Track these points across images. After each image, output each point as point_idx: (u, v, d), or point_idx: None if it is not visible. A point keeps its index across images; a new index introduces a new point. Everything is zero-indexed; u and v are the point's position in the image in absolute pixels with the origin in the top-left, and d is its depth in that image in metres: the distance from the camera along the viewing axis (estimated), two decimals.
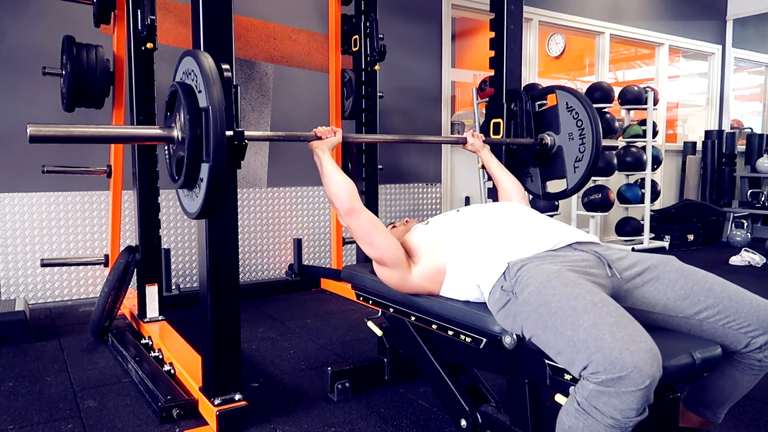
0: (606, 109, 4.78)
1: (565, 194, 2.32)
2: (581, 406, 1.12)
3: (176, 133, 1.46)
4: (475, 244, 1.51)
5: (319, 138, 1.78)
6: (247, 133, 1.58)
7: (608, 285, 1.35)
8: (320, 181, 1.74)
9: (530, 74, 5.20)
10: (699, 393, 1.45)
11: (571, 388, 1.20)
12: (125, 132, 1.62)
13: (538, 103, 2.45)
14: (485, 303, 1.45)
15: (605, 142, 2.26)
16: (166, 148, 1.57)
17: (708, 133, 6.32)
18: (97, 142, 1.80)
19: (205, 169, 1.37)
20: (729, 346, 1.32)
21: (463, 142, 2.20)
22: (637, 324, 1.15)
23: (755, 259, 4.67)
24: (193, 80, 1.42)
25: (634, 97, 5.09)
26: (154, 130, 1.52)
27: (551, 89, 2.32)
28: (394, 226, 1.89)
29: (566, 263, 1.34)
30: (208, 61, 1.39)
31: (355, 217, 1.58)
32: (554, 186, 2.41)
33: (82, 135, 1.39)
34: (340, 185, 1.62)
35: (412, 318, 1.68)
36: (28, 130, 1.27)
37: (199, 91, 1.38)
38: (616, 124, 4.86)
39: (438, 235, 1.59)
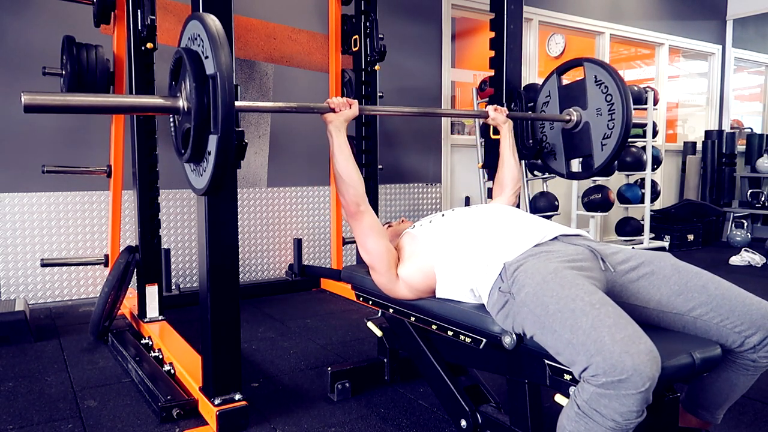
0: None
1: (591, 173, 2.21)
2: (582, 409, 1.12)
3: (182, 103, 1.37)
4: (464, 249, 1.51)
5: (333, 110, 1.64)
6: (255, 103, 1.55)
7: (602, 279, 1.35)
8: (321, 181, 1.73)
9: (530, 74, 5.20)
10: (696, 395, 1.45)
11: (571, 391, 1.20)
12: (126, 102, 1.50)
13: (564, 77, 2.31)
14: (483, 304, 1.45)
15: (634, 117, 2.14)
16: (171, 119, 1.48)
17: (708, 133, 6.32)
18: (96, 112, 1.68)
19: (213, 142, 1.28)
20: (723, 344, 1.31)
21: (485, 116, 2.11)
22: (635, 325, 1.14)
23: (755, 259, 4.67)
24: (199, 46, 1.33)
25: (634, 97, 5.06)
26: (157, 100, 1.42)
27: (579, 61, 2.20)
28: (390, 225, 1.90)
29: (561, 260, 1.34)
30: (215, 23, 1.29)
31: (357, 220, 1.60)
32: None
33: (80, 104, 1.31)
34: (348, 181, 1.59)
35: (412, 318, 1.68)
36: (22, 99, 1.19)
37: (206, 57, 1.29)
38: None
39: (423, 241, 1.59)
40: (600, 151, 2.12)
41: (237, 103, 1.32)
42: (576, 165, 2.29)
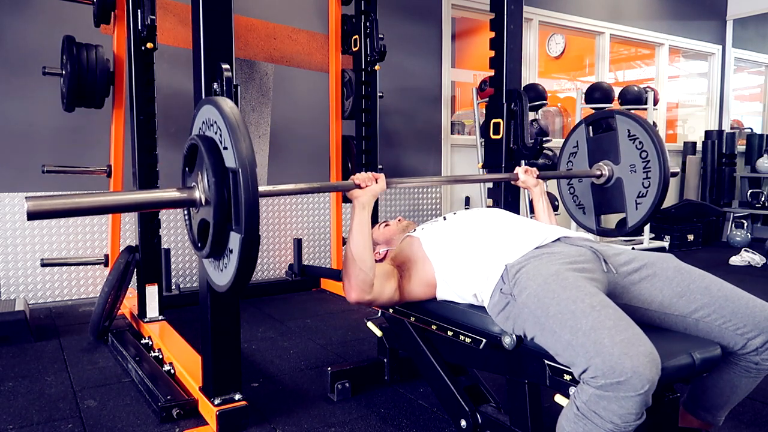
0: (606, 109, 4.77)
1: (624, 232, 2.08)
2: (581, 411, 1.12)
3: (198, 194, 1.26)
4: (466, 255, 1.51)
5: (359, 186, 1.54)
6: (278, 187, 1.42)
7: (604, 280, 1.35)
8: (320, 181, 1.70)
9: (530, 74, 5.20)
10: (698, 396, 1.45)
11: (571, 392, 1.20)
12: (139, 198, 1.32)
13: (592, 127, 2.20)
14: (483, 306, 1.45)
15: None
16: (185, 211, 1.37)
17: (708, 133, 6.32)
18: (107, 213, 1.45)
19: (235, 239, 1.17)
20: (726, 347, 1.31)
21: (515, 178, 1.97)
22: (636, 327, 1.14)
23: (755, 259, 4.67)
24: (215, 133, 1.23)
25: (634, 97, 5.09)
26: (172, 194, 1.27)
27: (611, 114, 2.08)
28: (387, 224, 1.90)
29: (563, 261, 1.34)
30: (233, 111, 1.19)
31: (361, 304, 1.53)
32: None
33: (90, 206, 1.19)
34: (360, 265, 1.47)
35: (412, 318, 1.68)
36: (25, 206, 1.08)
37: (225, 148, 1.19)
38: None
39: (427, 246, 1.58)
40: (634, 210, 2.01)
41: (260, 188, 1.19)
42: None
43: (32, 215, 1.09)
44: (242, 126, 1.16)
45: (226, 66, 1.69)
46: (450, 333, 1.54)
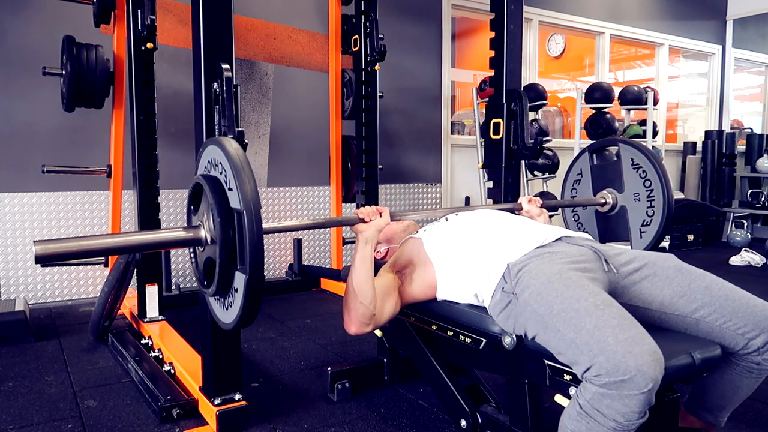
0: (606, 110, 4.78)
1: None
2: (584, 409, 1.11)
3: (204, 233, 1.29)
4: (467, 255, 1.51)
5: (362, 220, 1.56)
6: (283, 223, 1.45)
7: (605, 280, 1.35)
8: (321, 181, 1.70)
9: (530, 74, 5.20)
10: (699, 397, 1.45)
11: (573, 391, 1.20)
12: (146, 239, 1.35)
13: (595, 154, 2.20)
14: (483, 306, 1.45)
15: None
16: (190, 250, 1.40)
17: (708, 133, 6.32)
18: (114, 254, 1.48)
19: (240, 280, 1.20)
20: (727, 347, 1.31)
21: (519, 208, 1.95)
22: (639, 326, 1.14)
23: (755, 259, 4.67)
24: (220, 173, 1.25)
25: (634, 97, 5.09)
26: (178, 233, 1.30)
27: (614, 142, 2.09)
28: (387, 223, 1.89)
29: (565, 260, 1.34)
30: (237, 151, 1.21)
31: (354, 335, 1.52)
32: None
33: (97, 248, 1.21)
34: (361, 298, 1.46)
35: (412, 318, 1.68)
36: (34, 250, 1.10)
37: (230, 189, 1.21)
38: (616, 124, 4.86)
39: (429, 247, 1.58)
40: (639, 238, 2.01)
41: (264, 225, 1.22)
42: None
43: (40, 259, 1.11)
44: (247, 168, 1.19)
45: (226, 66, 1.69)
46: (450, 333, 1.54)
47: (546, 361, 1.30)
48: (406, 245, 1.67)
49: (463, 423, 1.60)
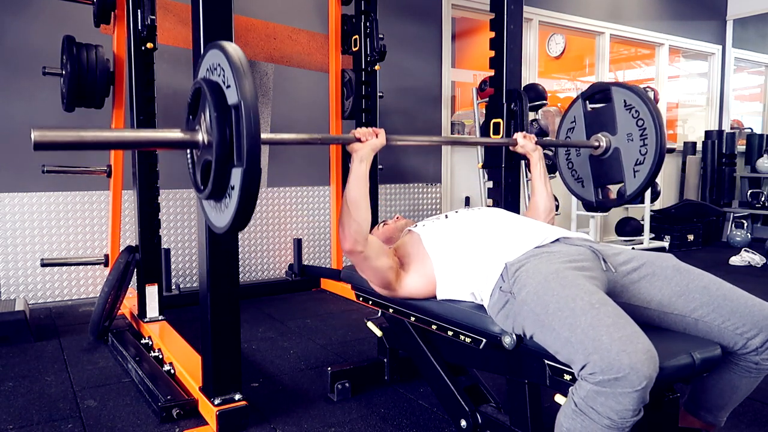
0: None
1: (623, 201, 2.10)
2: (578, 406, 1.12)
3: (201, 136, 1.28)
4: (465, 251, 1.51)
5: (359, 140, 1.58)
6: (280, 135, 1.46)
7: (603, 279, 1.35)
8: (321, 181, 1.70)
9: (530, 74, 5.20)
10: (699, 397, 1.45)
11: (569, 389, 1.20)
12: (143, 137, 1.38)
13: (590, 102, 2.23)
14: (483, 305, 1.45)
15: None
16: (188, 154, 1.40)
17: (708, 134, 6.32)
18: (111, 148, 1.48)
19: (237, 175, 1.19)
20: (725, 346, 1.31)
21: (513, 144, 2.00)
22: (634, 325, 1.15)
23: (755, 259, 4.67)
24: (219, 75, 1.25)
25: None
26: (175, 134, 1.31)
27: (607, 86, 2.13)
28: (385, 224, 1.90)
29: (563, 260, 1.34)
30: (237, 51, 1.21)
31: (354, 256, 1.54)
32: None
33: (94, 140, 1.22)
34: (354, 215, 1.49)
35: (412, 318, 1.68)
36: (32, 136, 1.11)
37: (227, 87, 1.21)
38: None
39: (426, 243, 1.58)
40: (632, 177, 2.03)
41: (262, 135, 1.23)
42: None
43: (38, 146, 1.12)
44: (245, 66, 1.18)
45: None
46: (450, 333, 1.54)
47: (546, 361, 1.30)
48: (406, 239, 1.67)
49: (463, 423, 1.60)
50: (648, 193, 5.08)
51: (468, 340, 1.47)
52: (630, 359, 1.06)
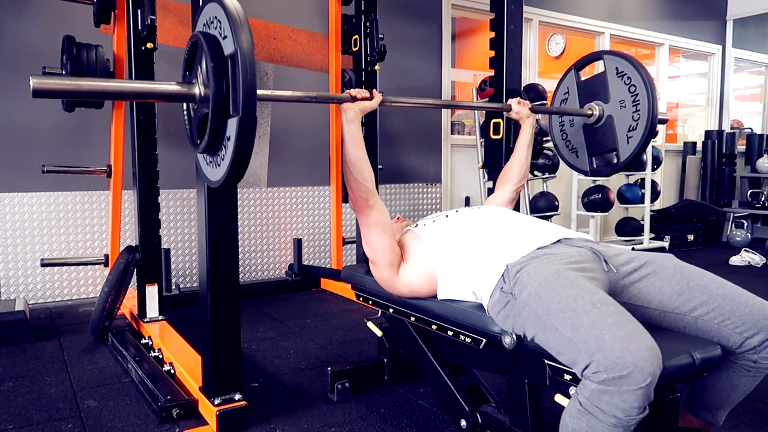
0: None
1: (617, 167, 2.12)
2: (583, 406, 1.12)
3: (198, 89, 1.28)
4: (466, 251, 1.51)
5: (354, 98, 1.59)
6: (275, 92, 1.49)
7: (604, 280, 1.35)
8: (321, 181, 1.71)
9: (530, 74, 5.20)
10: (698, 396, 1.45)
11: (573, 390, 1.20)
12: (139, 88, 1.37)
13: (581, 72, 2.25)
14: (482, 304, 1.45)
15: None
16: (185, 108, 1.40)
17: (708, 134, 6.32)
18: (109, 98, 1.50)
19: (232, 125, 1.18)
20: (725, 345, 1.31)
21: (508, 109, 2.05)
22: (637, 323, 1.15)
23: (755, 259, 4.67)
24: (216, 28, 1.24)
25: None
26: (172, 86, 1.30)
27: (598, 55, 2.14)
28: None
29: (564, 261, 1.34)
30: (234, 3, 1.20)
31: (364, 214, 1.59)
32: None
33: (92, 89, 1.22)
34: (357, 175, 1.55)
35: (412, 318, 1.68)
36: (31, 83, 1.11)
37: (224, 38, 1.20)
38: None
39: (427, 242, 1.59)
40: (626, 144, 2.05)
41: (258, 92, 1.24)
42: (600, 160, 2.21)
43: (37, 93, 1.12)
44: (243, 16, 1.18)
45: None
46: (450, 333, 1.54)
47: (546, 361, 1.30)
48: (405, 237, 1.68)
49: (463, 423, 1.60)
50: (648, 193, 5.09)
51: (468, 340, 1.47)
52: (634, 357, 1.06)
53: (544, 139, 4.27)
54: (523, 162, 2.03)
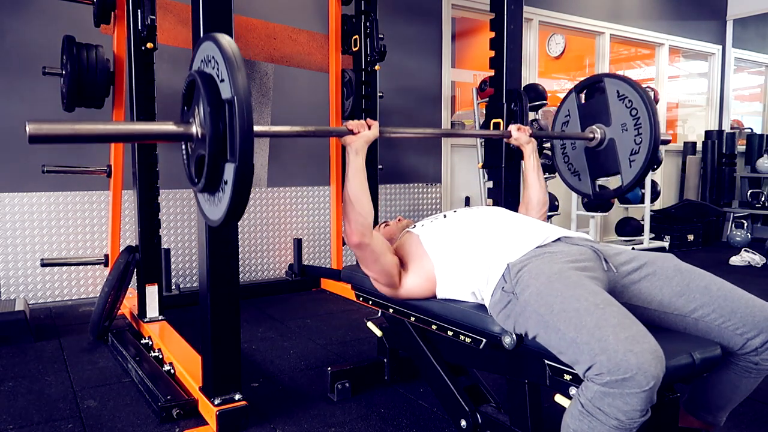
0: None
1: (620, 191, 2.10)
2: (585, 408, 1.12)
3: (195, 129, 1.28)
4: (466, 253, 1.51)
5: (352, 132, 1.57)
6: (273, 128, 1.46)
7: (604, 279, 1.35)
8: (321, 181, 1.70)
9: (530, 74, 5.20)
10: (699, 397, 1.45)
11: (574, 391, 1.20)
12: (137, 129, 1.40)
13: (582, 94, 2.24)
14: (483, 305, 1.45)
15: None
16: (183, 146, 1.40)
17: (708, 134, 6.32)
18: (106, 141, 1.49)
19: (229, 170, 1.19)
20: (726, 347, 1.31)
21: (507, 136, 2.03)
22: (640, 325, 1.14)
23: (755, 259, 4.67)
24: (213, 68, 1.24)
25: None
26: (169, 126, 1.31)
27: (599, 78, 2.14)
28: (387, 224, 1.90)
29: (565, 260, 1.34)
30: (231, 45, 1.20)
31: (360, 249, 1.54)
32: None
33: (90, 133, 1.21)
34: (358, 209, 1.49)
35: (412, 318, 1.68)
36: (27, 129, 1.10)
37: (221, 81, 1.20)
38: None
39: (426, 242, 1.58)
40: (628, 167, 2.03)
41: (255, 128, 1.23)
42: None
43: (33, 139, 1.10)
44: (239, 59, 1.18)
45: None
46: (450, 333, 1.54)
47: (546, 361, 1.30)
48: (404, 239, 1.67)
49: (463, 423, 1.60)
50: (648, 193, 5.09)
51: (468, 340, 1.47)
52: (637, 359, 1.05)
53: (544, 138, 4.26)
54: (537, 189, 1.96)
